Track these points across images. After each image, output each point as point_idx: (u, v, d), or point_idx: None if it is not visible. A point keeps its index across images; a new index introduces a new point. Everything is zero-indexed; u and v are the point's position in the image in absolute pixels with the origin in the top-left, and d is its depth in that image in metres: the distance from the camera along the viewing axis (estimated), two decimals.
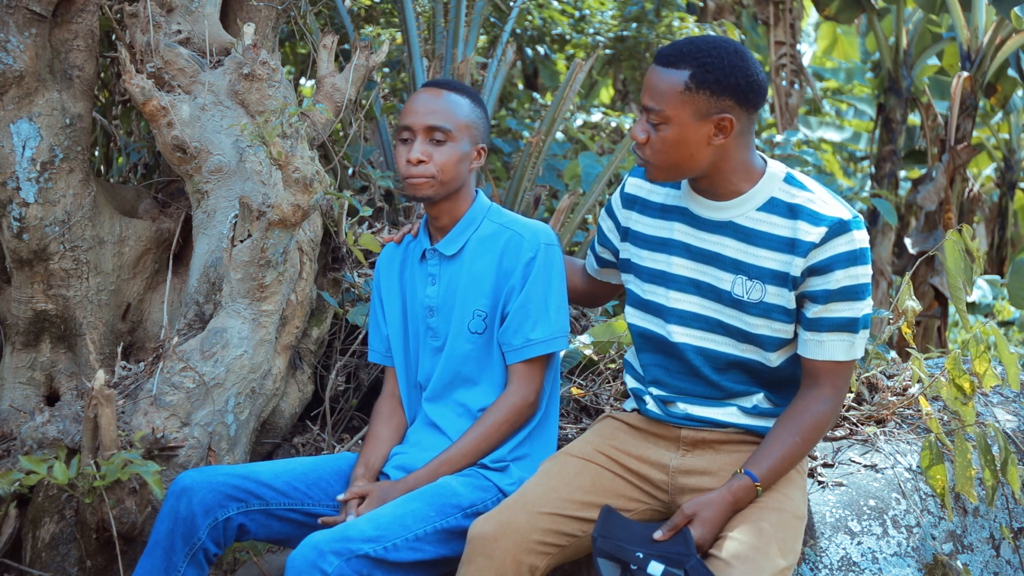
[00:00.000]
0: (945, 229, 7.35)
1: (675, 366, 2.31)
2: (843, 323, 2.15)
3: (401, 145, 2.41)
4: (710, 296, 2.24)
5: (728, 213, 2.22)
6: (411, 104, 2.42)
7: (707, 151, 2.14)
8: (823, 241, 2.12)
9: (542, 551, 2.14)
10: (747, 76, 2.11)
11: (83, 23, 2.90)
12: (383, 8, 5.68)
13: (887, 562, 2.38)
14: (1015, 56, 7.78)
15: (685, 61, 2.11)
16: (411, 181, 2.39)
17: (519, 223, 2.47)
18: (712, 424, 2.29)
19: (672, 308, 2.28)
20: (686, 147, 2.13)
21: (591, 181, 4.42)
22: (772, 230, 2.18)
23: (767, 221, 2.18)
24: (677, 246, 2.27)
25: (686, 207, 2.28)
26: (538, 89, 7.67)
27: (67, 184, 2.86)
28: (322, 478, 2.43)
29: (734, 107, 2.12)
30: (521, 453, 2.43)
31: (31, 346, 2.98)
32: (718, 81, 2.09)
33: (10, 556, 2.61)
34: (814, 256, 2.13)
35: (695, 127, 2.11)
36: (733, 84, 2.10)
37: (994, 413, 2.89)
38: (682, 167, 2.17)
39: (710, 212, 2.24)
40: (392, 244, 2.62)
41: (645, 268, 2.33)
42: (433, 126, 2.38)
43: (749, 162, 2.20)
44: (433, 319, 2.48)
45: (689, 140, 2.12)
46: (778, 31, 8.60)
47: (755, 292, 2.19)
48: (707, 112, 2.10)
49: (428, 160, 2.37)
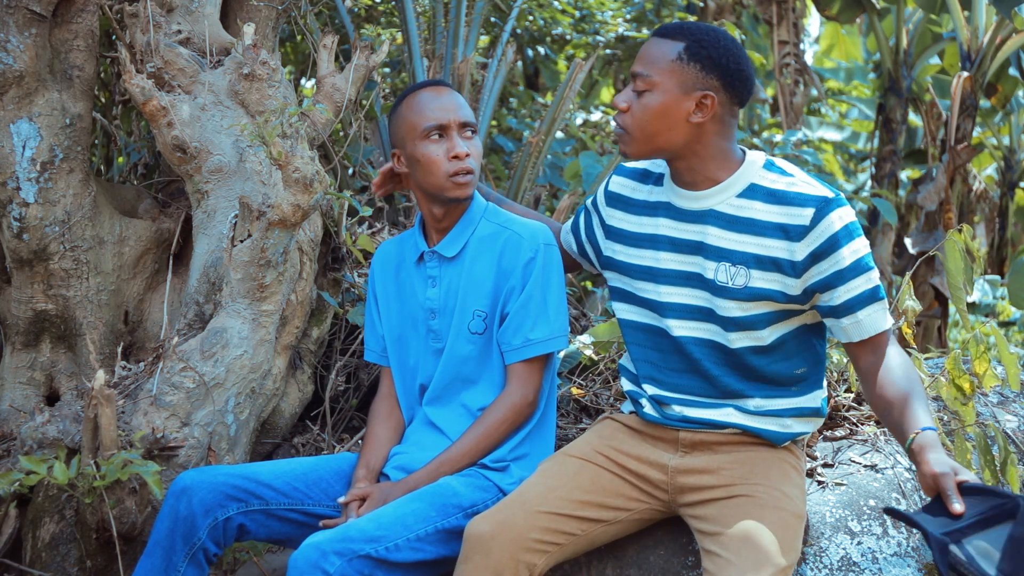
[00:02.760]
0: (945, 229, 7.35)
1: (674, 362, 2.31)
2: (865, 297, 2.17)
3: (433, 144, 2.38)
4: (699, 286, 2.24)
5: (708, 202, 2.22)
6: (434, 103, 2.40)
7: (684, 128, 2.16)
8: (814, 222, 2.13)
9: (540, 550, 2.14)
10: (738, 63, 2.16)
11: (83, 23, 2.90)
12: (383, 8, 5.69)
13: (887, 562, 2.38)
14: (1015, 56, 7.79)
15: (682, 34, 2.16)
16: (459, 179, 2.37)
17: (517, 223, 2.47)
18: (709, 425, 2.29)
19: (666, 303, 2.28)
20: (665, 118, 2.15)
21: (591, 181, 4.42)
22: (755, 215, 2.18)
23: (749, 207, 2.19)
24: (663, 241, 2.28)
25: (668, 201, 2.29)
26: (538, 89, 7.67)
27: (67, 184, 2.86)
28: (322, 478, 2.43)
29: (719, 89, 2.15)
30: (521, 452, 2.43)
31: (31, 346, 2.98)
32: (710, 58, 2.14)
33: (10, 556, 2.61)
34: (813, 239, 2.13)
35: (677, 99, 2.14)
36: (723, 66, 2.14)
37: (994, 413, 2.89)
38: (658, 139, 2.18)
39: (690, 203, 2.25)
40: (386, 245, 2.61)
41: (634, 266, 2.33)
42: (467, 121, 2.40)
43: (728, 151, 2.21)
44: (435, 321, 2.48)
45: (670, 111, 2.15)
46: (781, 30, 8.60)
47: (739, 278, 2.19)
48: (692, 86, 2.14)
49: (472, 152, 2.39)
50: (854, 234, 2.15)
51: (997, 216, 9.80)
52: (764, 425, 2.27)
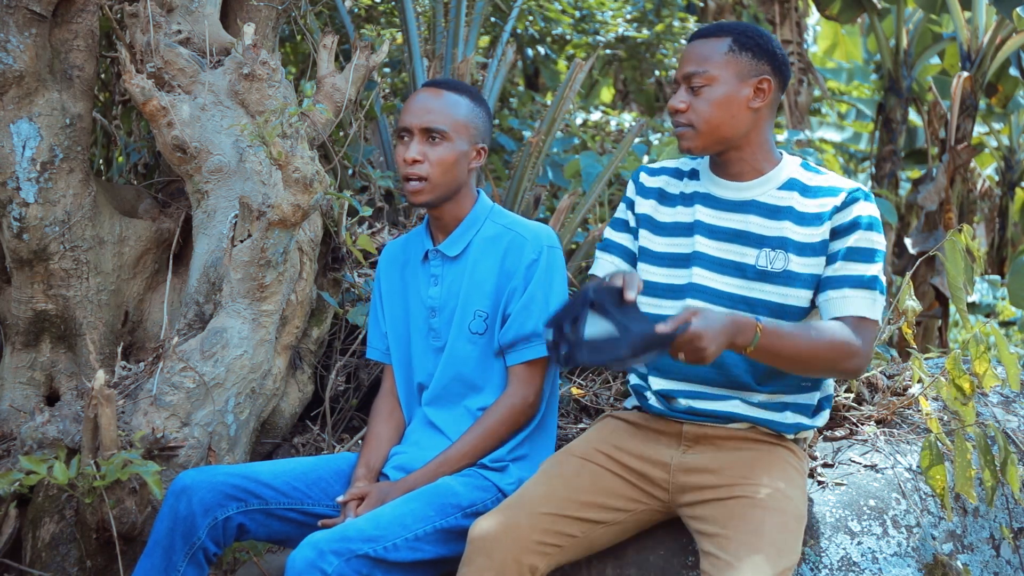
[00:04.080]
0: (946, 229, 7.34)
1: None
2: (863, 280, 2.22)
3: (400, 145, 2.43)
4: (733, 273, 2.29)
5: (751, 192, 2.31)
6: (409, 104, 2.44)
7: (747, 115, 2.26)
8: (844, 205, 2.25)
9: (542, 551, 2.14)
10: (779, 48, 2.30)
11: (83, 23, 2.90)
12: (383, 8, 5.68)
13: (887, 562, 2.38)
14: (1016, 56, 7.78)
15: (724, 31, 2.28)
16: (408, 186, 2.41)
17: (521, 224, 2.47)
18: (715, 417, 2.29)
19: (694, 284, 2.31)
20: (729, 107, 2.25)
21: (591, 181, 4.42)
22: (796, 206, 2.28)
23: (789, 199, 2.29)
24: (701, 228, 2.33)
25: (707, 192, 2.36)
26: (539, 89, 7.67)
27: (67, 184, 2.86)
28: (322, 478, 2.43)
29: (771, 73, 2.28)
30: (521, 453, 2.43)
31: (31, 346, 2.98)
32: (758, 46, 2.26)
33: (10, 556, 2.61)
34: (839, 218, 2.25)
35: (738, 87, 2.25)
36: (770, 51, 2.27)
37: (994, 413, 2.89)
38: (723, 129, 2.26)
39: (733, 193, 2.33)
40: (393, 244, 2.63)
41: (663, 254, 2.36)
42: (428, 127, 2.39)
43: (771, 144, 2.33)
44: (435, 319, 2.48)
45: (732, 100, 2.25)
46: (784, 30, 8.61)
47: (778, 261, 2.27)
48: (749, 73, 2.25)
49: (423, 160, 2.38)
50: (874, 227, 2.24)
51: (997, 216, 9.80)
52: (770, 416, 2.28)
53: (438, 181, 2.40)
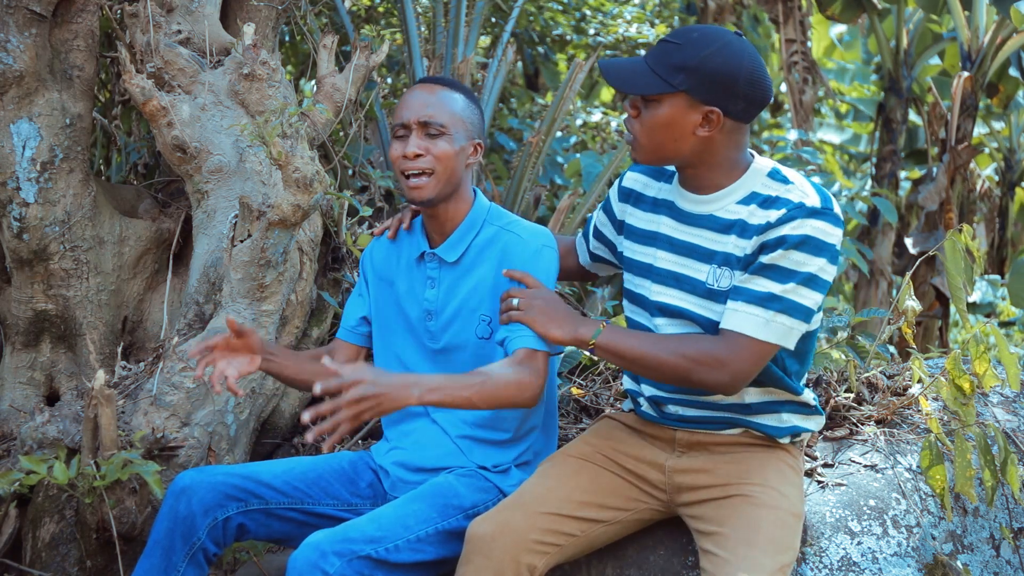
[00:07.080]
0: (946, 229, 7.35)
1: None
2: (760, 297, 2.11)
3: (397, 142, 2.39)
4: (687, 288, 2.24)
5: (709, 207, 2.22)
6: (405, 101, 2.42)
7: (691, 140, 2.15)
8: (780, 221, 2.10)
9: (540, 551, 2.14)
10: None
11: (83, 23, 2.90)
12: (383, 8, 5.69)
13: (887, 562, 2.38)
14: (1016, 56, 7.79)
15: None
16: (411, 182, 2.37)
17: (519, 225, 2.46)
18: (705, 424, 2.29)
19: (655, 301, 2.28)
20: (670, 131, 2.14)
21: (591, 180, 4.42)
22: (746, 219, 2.16)
23: (742, 212, 2.17)
24: (662, 239, 2.28)
25: (673, 201, 2.29)
26: (539, 89, 7.67)
27: (67, 184, 2.86)
28: (322, 477, 2.42)
29: (724, 107, 2.13)
30: (525, 459, 2.44)
31: (31, 346, 2.98)
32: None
33: (10, 556, 2.61)
34: (768, 234, 2.11)
35: (684, 113, 2.13)
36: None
37: (994, 413, 2.89)
38: (665, 149, 2.18)
39: (692, 206, 2.24)
40: (381, 238, 2.59)
41: (635, 261, 2.34)
42: (427, 120, 2.37)
43: (736, 160, 2.20)
44: (432, 322, 2.47)
45: (675, 124, 2.14)
46: (788, 29, 8.59)
47: (724, 279, 2.18)
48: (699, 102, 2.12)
49: (426, 153, 2.36)
50: (805, 247, 2.09)
51: (997, 216, 9.81)
52: (761, 420, 2.27)
53: (442, 174, 2.38)
